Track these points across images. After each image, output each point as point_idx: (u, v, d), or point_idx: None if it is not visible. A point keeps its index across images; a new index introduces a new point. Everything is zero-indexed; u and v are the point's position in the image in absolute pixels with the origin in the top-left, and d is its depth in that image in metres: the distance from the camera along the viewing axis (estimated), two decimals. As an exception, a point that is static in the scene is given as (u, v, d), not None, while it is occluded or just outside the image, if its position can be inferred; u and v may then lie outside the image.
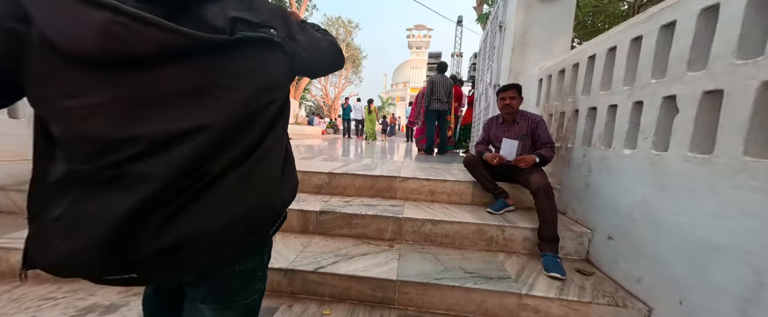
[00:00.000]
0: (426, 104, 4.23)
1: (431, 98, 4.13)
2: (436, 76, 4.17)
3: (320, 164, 2.69)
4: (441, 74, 4.17)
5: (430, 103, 4.19)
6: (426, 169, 2.61)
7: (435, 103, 4.14)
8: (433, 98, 4.11)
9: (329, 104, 30.45)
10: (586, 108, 1.57)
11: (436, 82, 4.13)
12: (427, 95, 4.23)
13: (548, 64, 2.14)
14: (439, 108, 4.13)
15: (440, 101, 4.09)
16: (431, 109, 4.21)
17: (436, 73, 4.21)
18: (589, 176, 1.52)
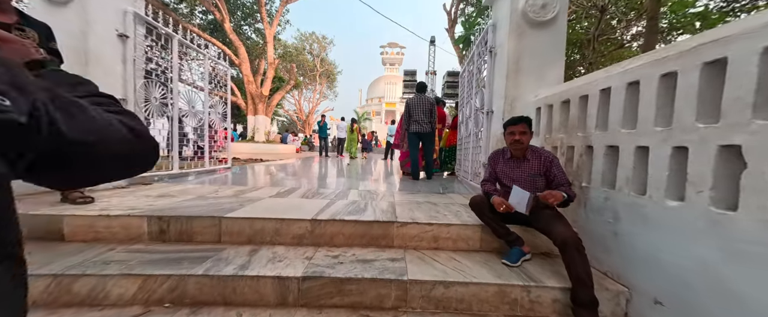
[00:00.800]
0: (405, 127, 4.05)
1: (410, 121, 3.95)
2: (413, 98, 4.01)
3: (299, 202, 2.31)
4: (419, 94, 4.02)
5: (409, 125, 4.01)
6: (422, 205, 2.34)
7: (414, 125, 3.96)
8: (412, 121, 3.93)
9: (303, 119, 29.65)
10: (603, 146, 1.43)
11: (413, 103, 3.97)
12: (405, 117, 4.05)
13: (547, 93, 2.03)
14: (418, 130, 3.94)
15: (419, 122, 3.90)
16: (412, 131, 4.02)
17: (414, 94, 4.05)
18: (617, 223, 1.34)
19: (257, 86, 14.26)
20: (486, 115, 2.69)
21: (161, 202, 2.16)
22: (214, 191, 2.70)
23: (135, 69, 2.84)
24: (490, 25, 2.65)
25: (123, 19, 2.75)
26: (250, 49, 15.17)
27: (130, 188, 2.75)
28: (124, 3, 2.75)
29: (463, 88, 4.31)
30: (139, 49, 2.90)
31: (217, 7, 12.66)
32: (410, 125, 3.96)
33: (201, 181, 3.47)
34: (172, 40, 3.45)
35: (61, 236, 1.75)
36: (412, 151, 4.09)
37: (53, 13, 2.37)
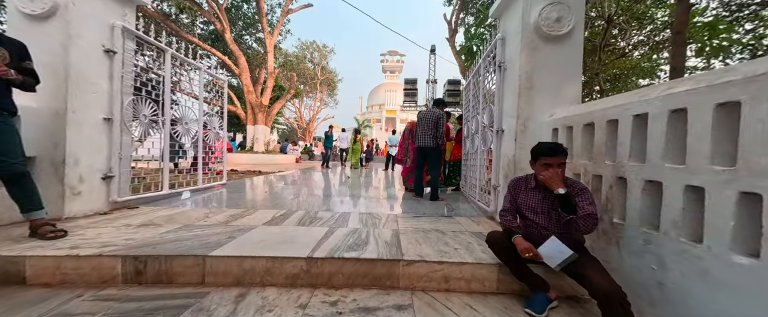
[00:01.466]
0: (415, 141, 3.88)
1: (417, 134, 3.80)
2: (423, 111, 3.88)
3: (295, 232, 2.10)
4: (428, 108, 3.90)
5: (416, 138, 3.85)
6: (429, 234, 2.14)
7: (419, 138, 3.79)
8: (418, 134, 3.78)
9: (304, 127, 29.57)
10: (641, 179, 1.24)
11: (420, 116, 3.82)
12: (415, 131, 3.89)
13: (565, 113, 1.86)
14: (422, 143, 3.74)
15: (422, 136, 3.72)
16: (417, 145, 3.85)
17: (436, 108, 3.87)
18: (663, 272, 1.14)
19: (257, 96, 14.19)
20: (496, 133, 2.52)
21: (141, 234, 1.96)
22: (204, 217, 2.50)
23: (123, 85, 2.68)
24: (499, 39, 2.51)
25: (110, 33, 2.61)
26: (250, 59, 15.18)
27: (114, 213, 2.55)
28: (112, 17, 2.61)
29: (468, 101, 4.15)
30: (127, 65, 2.75)
31: (218, 18, 12.69)
32: (417, 138, 3.79)
33: (193, 201, 3.27)
34: (165, 55, 3.30)
35: (22, 279, 1.54)
36: (416, 166, 3.90)
37: (32, 29, 2.22)
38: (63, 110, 2.23)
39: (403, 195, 4.18)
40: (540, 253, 1.23)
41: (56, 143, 2.23)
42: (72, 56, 2.27)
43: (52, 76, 2.14)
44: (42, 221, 1.83)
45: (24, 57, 1.83)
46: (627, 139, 1.32)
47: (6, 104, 1.75)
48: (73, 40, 2.28)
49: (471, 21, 15.26)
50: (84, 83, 2.37)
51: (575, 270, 1.16)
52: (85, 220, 2.29)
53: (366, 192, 4.50)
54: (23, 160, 1.78)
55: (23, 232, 1.88)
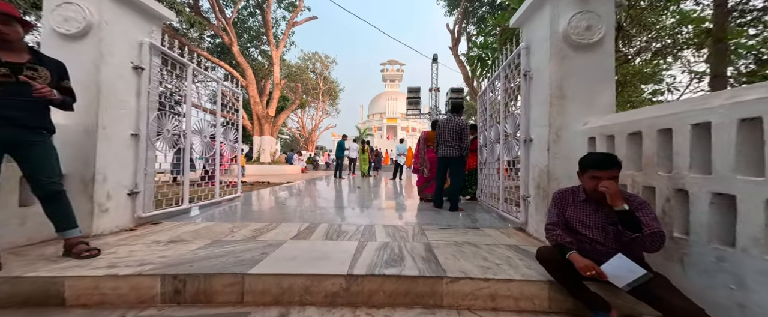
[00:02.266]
0: (436, 150, 3.86)
1: (438, 143, 3.77)
2: (443, 120, 3.85)
3: (325, 247, 2.06)
4: (451, 115, 3.87)
5: (438, 148, 3.82)
6: (463, 247, 2.08)
7: (441, 148, 3.74)
8: (439, 143, 3.74)
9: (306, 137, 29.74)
10: (707, 192, 1.20)
11: (442, 125, 3.80)
12: (436, 140, 3.87)
13: (603, 122, 1.84)
14: (444, 154, 3.70)
15: (446, 145, 3.67)
16: (438, 155, 3.82)
17: (447, 115, 3.91)
18: (744, 293, 1.08)
19: (263, 107, 14.36)
20: (523, 143, 2.49)
21: (173, 251, 1.93)
22: (230, 232, 2.47)
23: (149, 101, 2.71)
24: (523, 48, 2.51)
25: (138, 50, 2.65)
26: (255, 71, 15.43)
27: (139, 229, 2.53)
28: (140, 34, 2.66)
29: (485, 111, 4.15)
30: (153, 81, 2.78)
31: (226, 31, 12.98)
32: (438, 147, 3.75)
33: (211, 215, 3.24)
34: (187, 69, 3.35)
35: (61, 300, 1.51)
36: (437, 177, 3.87)
37: (67, 47, 2.26)
38: (94, 127, 2.24)
39: (420, 206, 4.13)
40: (604, 272, 1.17)
41: (86, 160, 2.23)
42: (103, 74, 2.30)
43: (85, 93, 2.16)
44: (76, 239, 1.81)
45: (63, 76, 1.85)
46: (685, 149, 1.28)
47: (46, 124, 1.76)
48: (104, 58, 2.32)
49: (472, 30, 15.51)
50: (114, 100, 2.39)
51: (649, 290, 1.10)
52: (113, 237, 2.27)
53: (383, 203, 4.46)
54: (61, 178, 1.78)
55: (56, 250, 1.86)
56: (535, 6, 2.31)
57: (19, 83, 1.61)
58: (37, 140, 1.70)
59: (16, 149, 1.66)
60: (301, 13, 15.30)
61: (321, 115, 30.64)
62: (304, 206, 3.96)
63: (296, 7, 15.25)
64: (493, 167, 3.66)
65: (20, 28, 1.68)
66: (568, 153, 2.06)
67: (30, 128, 1.67)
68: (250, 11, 15.95)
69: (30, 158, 1.68)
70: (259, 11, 15.33)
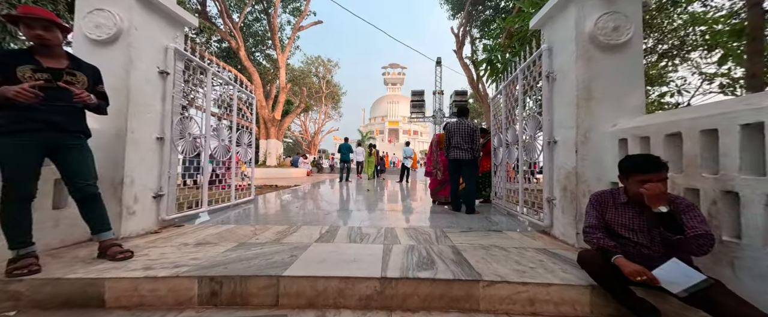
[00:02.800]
0: (446, 153, 3.86)
1: (449, 147, 3.78)
2: (454, 122, 3.86)
3: (351, 250, 2.05)
4: (460, 119, 3.89)
5: (449, 151, 3.82)
6: (491, 250, 2.07)
7: (453, 151, 3.75)
8: (451, 146, 3.75)
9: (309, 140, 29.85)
10: (761, 194, 1.18)
11: (453, 128, 3.81)
12: (445, 143, 3.87)
13: (636, 123, 1.83)
14: (457, 156, 3.72)
15: (459, 148, 3.69)
16: (451, 158, 3.82)
17: (455, 119, 3.93)
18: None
19: (269, 111, 14.47)
20: (547, 144, 2.48)
21: (204, 254, 1.94)
22: (253, 235, 2.48)
23: (173, 106, 2.74)
24: (545, 49, 2.51)
25: (164, 55, 2.69)
26: (261, 75, 15.58)
27: (163, 232, 2.55)
28: (165, 39, 2.71)
29: (499, 113, 4.15)
30: (177, 85, 2.82)
31: (233, 36, 13.16)
32: (449, 150, 3.76)
33: (230, 218, 3.25)
34: (207, 73, 3.39)
35: (101, 302, 1.52)
36: (451, 180, 3.86)
37: (98, 52, 2.31)
38: (123, 131, 2.27)
39: (435, 209, 4.11)
40: (657, 277, 1.15)
41: (116, 163, 2.26)
42: (132, 78, 2.34)
43: (115, 97, 2.19)
44: (111, 241, 1.82)
45: (98, 81, 1.88)
46: (734, 150, 1.27)
47: (83, 127, 1.79)
48: (133, 63, 2.36)
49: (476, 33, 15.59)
50: (141, 104, 2.43)
51: (709, 297, 1.06)
52: (140, 240, 2.28)
53: (397, 206, 4.45)
54: (96, 181, 1.80)
55: (90, 253, 1.88)
56: (559, 7, 2.32)
57: (59, 88, 1.65)
58: (76, 144, 1.73)
59: (56, 153, 1.68)
60: (306, 17, 15.47)
61: (323, 118, 30.78)
62: (320, 209, 3.96)
63: (302, 12, 15.44)
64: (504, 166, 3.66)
65: (60, 33, 1.72)
66: (597, 155, 2.05)
67: (70, 131, 1.70)
68: (255, 16, 16.18)
69: (69, 160, 1.70)
70: (265, 16, 15.54)
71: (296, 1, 15.96)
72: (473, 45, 15.53)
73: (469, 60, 14.82)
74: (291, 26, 16.01)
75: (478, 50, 15.60)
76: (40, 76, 1.62)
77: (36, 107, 1.55)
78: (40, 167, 1.67)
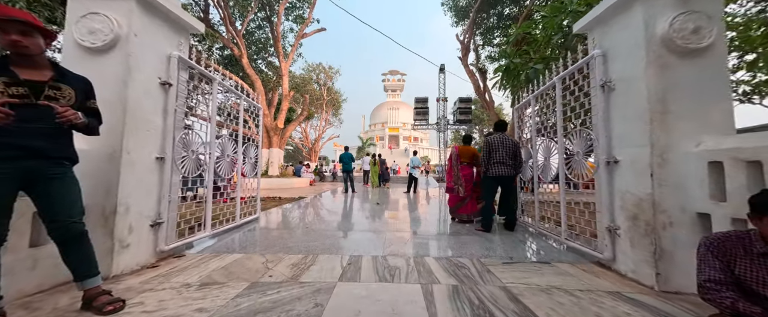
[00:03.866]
0: (482, 167, 3.58)
1: (489, 162, 3.50)
2: (495, 137, 3.62)
3: (384, 292, 1.70)
4: (502, 134, 3.65)
5: (489, 167, 3.54)
6: (553, 294, 1.72)
7: (496, 167, 3.51)
8: (493, 162, 3.50)
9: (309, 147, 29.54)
10: None
11: (495, 142, 3.55)
12: (483, 158, 3.58)
13: (737, 143, 1.51)
14: (501, 173, 3.50)
15: (503, 164, 3.50)
16: (491, 175, 3.54)
17: (496, 133, 3.69)
18: None
19: (272, 119, 14.22)
20: (605, 165, 2.16)
21: (211, 302, 1.60)
22: (265, 269, 2.14)
23: (176, 120, 2.44)
24: (597, 55, 2.22)
25: (167, 65, 2.40)
26: (263, 83, 15.39)
27: (161, 266, 2.20)
28: (169, 47, 2.42)
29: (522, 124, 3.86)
30: (181, 98, 2.52)
31: (236, 43, 13.00)
32: (490, 166, 3.53)
33: (235, 243, 2.91)
34: (213, 84, 3.10)
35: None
36: (487, 198, 3.56)
37: (91, 62, 2.01)
38: (118, 152, 1.96)
39: (460, 229, 3.76)
40: None
41: (108, 189, 1.94)
42: (130, 91, 2.04)
43: (110, 113, 1.89)
44: (98, 289, 1.49)
45: (89, 95, 1.58)
46: None
47: (69, 152, 1.48)
48: (132, 73, 2.06)
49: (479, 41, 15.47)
50: (140, 120, 2.12)
51: None
52: (135, 278, 1.94)
53: (417, 225, 4.09)
54: (82, 216, 1.48)
55: (72, 302, 1.54)
56: (618, 7, 2.03)
57: (38, 106, 1.34)
58: (58, 173, 1.41)
59: (34, 185, 1.36)
60: (309, 25, 15.37)
61: (324, 125, 30.62)
62: (333, 230, 3.62)
63: (305, 20, 15.34)
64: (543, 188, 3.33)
65: (42, 40, 1.42)
66: (678, 180, 1.73)
67: (52, 158, 1.39)
68: (258, 24, 16.09)
69: (50, 194, 1.38)
70: (268, 23, 15.45)
71: (299, 9, 15.90)
72: (477, 52, 15.39)
73: (474, 67, 14.66)
74: (294, 34, 15.92)
75: (482, 57, 15.48)
76: (15, 91, 1.32)
77: (9, 129, 1.24)
78: (13, 202, 1.35)
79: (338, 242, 3.05)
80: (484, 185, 3.62)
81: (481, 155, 3.66)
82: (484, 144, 3.59)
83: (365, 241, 3.08)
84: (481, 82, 14.48)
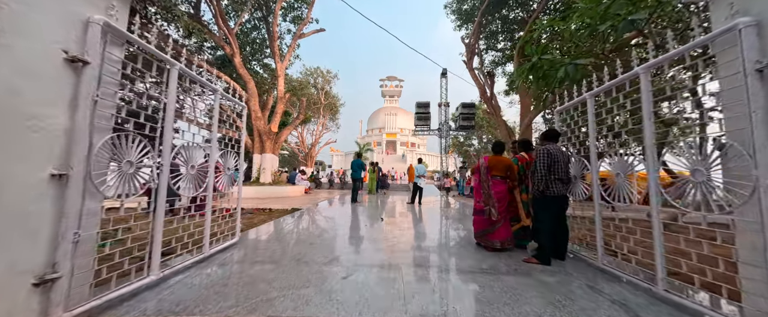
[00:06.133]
0: (539, 185, 2.80)
1: (550, 178, 2.75)
2: (556, 148, 2.90)
3: None
4: (555, 145, 2.94)
5: (550, 185, 2.78)
6: None
7: (557, 185, 2.80)
8: (556, 179, 2.77)
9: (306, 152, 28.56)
10: None
11: (556, 155, 2.83)
12: (540, 172, 2.80)
13: None
14: (561, 192, 2.85)
15: (563, 180, 2.84)
16: (553, 194, 2.79)
17: (550, 144, 2.95)
18: None
19: (266, 123, 13.34)
20: (765, 190, 1.37)
21: None
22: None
23: (94, 116, 1.60)
24: (747, 25, 1.45)
25: (81, 33, 1.57)
26: (258, 85, 14.55)
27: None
28: (82, 7, 1.59)
29: (578, 128, 3.10)
30: (107, 84, 1.69)
31: (228, 42, 12.20)
32: (551, 184, 2.80)
33: (195, 298, 2.00)
34: (171, 71, 2.27)
35: None
36: (547, 224, 2.79)
37: None
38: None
39: (492, 260, 2.93)
40: None
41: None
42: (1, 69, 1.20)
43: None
44: None
45: None
46: None
47: None
48: (5, 36, 1.23)
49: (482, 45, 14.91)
50: (16, 116, 1.28)
51: None
52: None
53: (437, 254, 3.24)
54: None
55: None
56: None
57: None
58: None
59: None
60: (308, 25, 14.67)
61: (321, 130, 29.85)
62: (331, 261, 2.75)
63: (303, 20, 14.65)
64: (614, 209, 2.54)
65: None
66: None
67: None
68: (254, 24, 15.34)
69: None
70: (264, 23, 14.71)
71: (297, 9, 15.20)
72: (481, 57, 14.82)
73: (479, 71, 14.07)
74: (291, 35, 15.18)
75: (486, 62, 14.90)
76: None
77: None
78: None
79: (338, 287, 2.18)
80: (544, 208, 2.83)
81: (534, 169, 2.87)
82: (544, 155, 2.80)
83: (374, 286, 2.22)
84: (489, 87, 13.88)
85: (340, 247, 3.42)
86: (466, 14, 14.98)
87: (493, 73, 13.98)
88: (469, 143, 29.12)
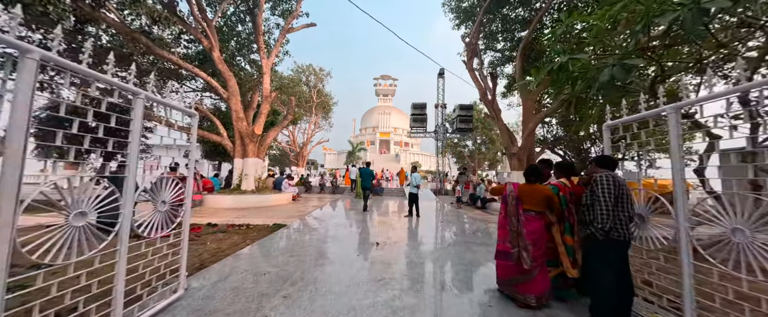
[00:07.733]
0: (605, 223, 2.01)
1: (615, 215, 1.99)
2: (619, 177, 2.15)
3: None
4: (613, 173, 2.15)
5: (616, 225, 2.04)
6: None
7: (625, 226, 2.07)
8: (622, 216, 2.03)
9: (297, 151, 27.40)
10: None
11: (623, 184, 2.11)
12: (608, 203, 2.03)
13: None
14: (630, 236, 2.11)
15: (630, 220, 2.12)
16: (619, 238, 2.05)
17: (604, 170, 2.21)
18: None
19: (249, 124, 12.23)
20: None
21: None
22: None
23: None
24: None
25: None
26: (242, 82, 13.40)
27: None
28: None
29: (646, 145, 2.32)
30: None
31: (205, 35, 11.05)
32: (619, 224, 2.05)
33: None
34: (135, 101, 1.33)
35: None
36: (606, 276, 2.01)
37: None
38: None
39: None
40: None
41: None
42: None
43: None
44: None
45: None
46: None
47: None
48: None
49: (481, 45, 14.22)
50: None
51: None
52: None
53: (451, 305, 2.38)
54: None
55: None
56: None
57: None
58: None
59: None
60: (297, 18, 13.61)
61: (313, 128, 28.78)
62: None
63: (292, 13, 13.58)
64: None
65: None
66: None
67: None
68: (238, 17, 14.15)
69: None
70: (250, 16, 13.57)
71: (287, 2, 14.10)
72: (480, 57, 14.13)
73: (478, 72, 13.35)
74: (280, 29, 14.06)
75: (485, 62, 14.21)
76: None
77: None
78: None
79: None
80: (605, 255, 2.03)
81: (591, 200, 2.07)
82: (609, 183, 2.00)
83: None
84: (490, 90, 13.18)
85: (326, 297, 2.47)
86: (464, 12, 14.26)
87: (496, 75, 13.28)
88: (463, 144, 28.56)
